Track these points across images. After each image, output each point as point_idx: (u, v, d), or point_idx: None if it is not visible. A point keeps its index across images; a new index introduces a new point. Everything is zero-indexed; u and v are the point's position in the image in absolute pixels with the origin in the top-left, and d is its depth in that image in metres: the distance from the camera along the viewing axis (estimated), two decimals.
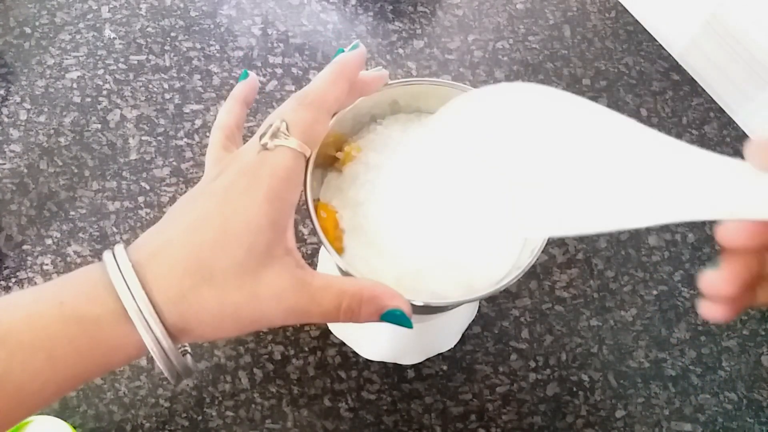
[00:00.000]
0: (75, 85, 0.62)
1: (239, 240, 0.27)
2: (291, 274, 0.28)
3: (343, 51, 0.35)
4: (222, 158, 0.33)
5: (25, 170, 0.58)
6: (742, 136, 0.65)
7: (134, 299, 0.26)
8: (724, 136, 0.65)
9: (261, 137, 0.30)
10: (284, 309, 0.28)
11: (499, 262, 0.38)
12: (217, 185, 0.29)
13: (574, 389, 0.53)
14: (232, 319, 0.27)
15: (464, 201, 0.39)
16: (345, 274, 0.36)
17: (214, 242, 0.27)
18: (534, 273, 0.57)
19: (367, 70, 0.37)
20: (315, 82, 0.33)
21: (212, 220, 0.28)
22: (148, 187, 0.57)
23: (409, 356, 0.52)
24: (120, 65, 0.63)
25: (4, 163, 0.58)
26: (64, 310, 0.25)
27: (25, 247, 0.54)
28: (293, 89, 0.63)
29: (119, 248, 0.28)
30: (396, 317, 0.30)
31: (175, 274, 0.27)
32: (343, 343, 0.52)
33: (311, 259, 0.55)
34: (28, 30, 0.64)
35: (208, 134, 0.50)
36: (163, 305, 0.27)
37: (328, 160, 0.40)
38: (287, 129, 0.30)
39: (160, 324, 0.26)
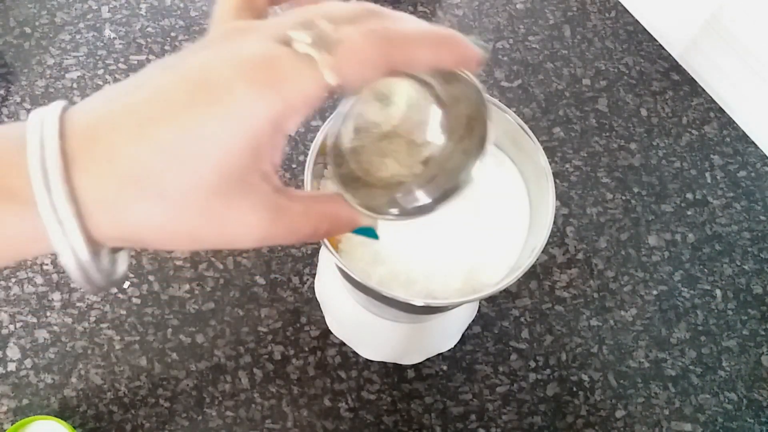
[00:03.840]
0: (75, 85, 0.62)
1: (208, 159, 0.21)
2: (268, 204, 0.23)
3: None
4: (225, 22, 0.24)
5: None
6: (742, 136, 0.65)
7: (49, 195, 0.20)
8: (724, 136, 0.65)
9: (293, 29, 0.22)
10: (257, 238, 0.24)
11: (498, 262, 0.38)
12: (199, 64, 0.22)
13: (574, 389, 0.53)
14: (189, 239, 0.23)
15: (465, 200, 0.39)
16: (344, 273, 0.36)
17: (174, 152, 0.21)
18: (534, 273, 0.57)
19: None
20: (409, 23, 0.24)
21: (177, 118, 0.21)
22: None
23: (409, 356, 0.52)
24: (120, 65, 0.63)
25: None
26: None
27: None
28: None
29: (50, 121, 0.21)
30: (365, 231, 0.28)
31: (114, 175, 0.21)
32: (343, 343, 0.52)
33: (311, 259, 0.55)
34: (28, 30, 0.64)
35: None
36: (92, 206, 0.21)
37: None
38: (331, 45, 0.22)
39: (81, 233, 0.21)
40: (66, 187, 0.20)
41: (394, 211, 0.28)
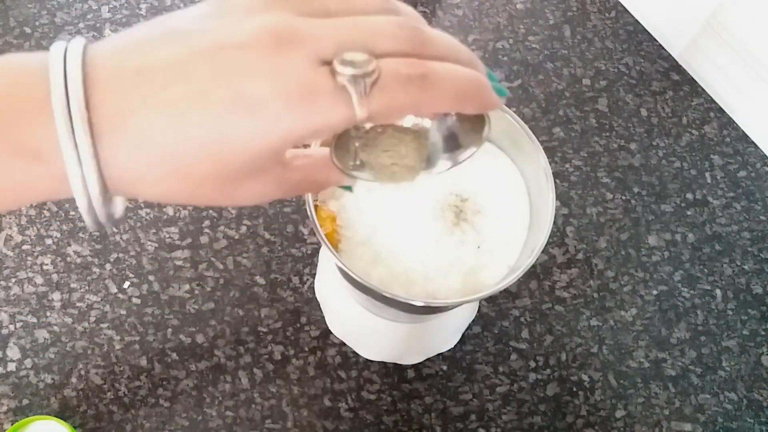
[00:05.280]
0: None
1: (233, 156, 0.23)
2: (275, 179, 0.25)
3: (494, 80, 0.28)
4: None
5: None
6: (742, 136, 0.65)
7: (77, 152, 0.21)
8: (724, 136, 0.65)
9: (336, 55, 0.22)
10: (258, 201, 0.26)
11: (498, 262, 0.38)
12: (239, 65, 0.22)
13: (574, 389, 0.53)
14: (197, 203, 0.25)
15: (465, 200, 0.39)
16: (345, 273, 0.36)
17: (204, 145, 0.22)
18: (534, 273, 0.57)
19: None
20: (443, 68, 0.24)
21: (213, 116, 0.22)
22: None
23: (409, 356, 0.52)
24: None
25: None
26: None
27: (25, 247, 0.54)
28: None
29: (75, 81, 0.21)
30: (344, 186, 0.31)
31: (144, 156, 0.22)
32: (343, 343, 0.52)
33: (311, 259, 0.55)
34: (28, 30, 0.64)
35: None
36: (117, 178, 0.22)
37: None
38: (368, 84, 0.22)
39: (102, 197, 0.22)
40: (95, 163, 0.21)
41: (367, 174, 0.29)
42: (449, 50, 0.25)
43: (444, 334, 0.52)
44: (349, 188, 0.31)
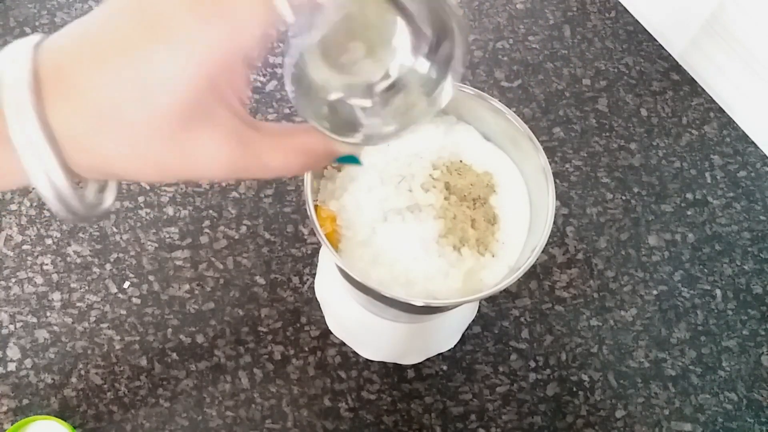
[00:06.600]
0: None
1: (165, 90, 0.22)
2: (233, 136, 0.24)
3: None
4: None
5: None
6: (742, 136, 0.65)
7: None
8: (724, 136, 0.65)
9: None
10: (223, 170, 0.24)
11: (498, 262, 0.38)
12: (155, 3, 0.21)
13: (574, 389, 0.53)
14: (156, 170, 0.24)
15: (466, 200, 0.39)
16: (344, 273, 0.36)
17: (133, 84, 0.22)
18: (534, 273, 0.57)
19: None
20: None
21: (134, 52, 0.21)
22: (148, 187, 0.57)
23: (409, 356, 0.52)
24: None
25: None
26: None
27: (25, 247, 0.54)
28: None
29: (23, 60, 0.22)
30: (348, 159, 0.29)
31: (81, 110, 0.22)
32: (343, 343, 0.52)
33: (311, 259, 0.55)
34: (28, 30, 0.64)
35: None
36: (66, 141, 0.22)
37: None
38: None
39: (59, 165, 0.22)
40: (40, 125, 0.21)
41: (360, 136, 0.27)
42: None
43: (444, 334, 0.52)
44: (355, 160, 0.29)
